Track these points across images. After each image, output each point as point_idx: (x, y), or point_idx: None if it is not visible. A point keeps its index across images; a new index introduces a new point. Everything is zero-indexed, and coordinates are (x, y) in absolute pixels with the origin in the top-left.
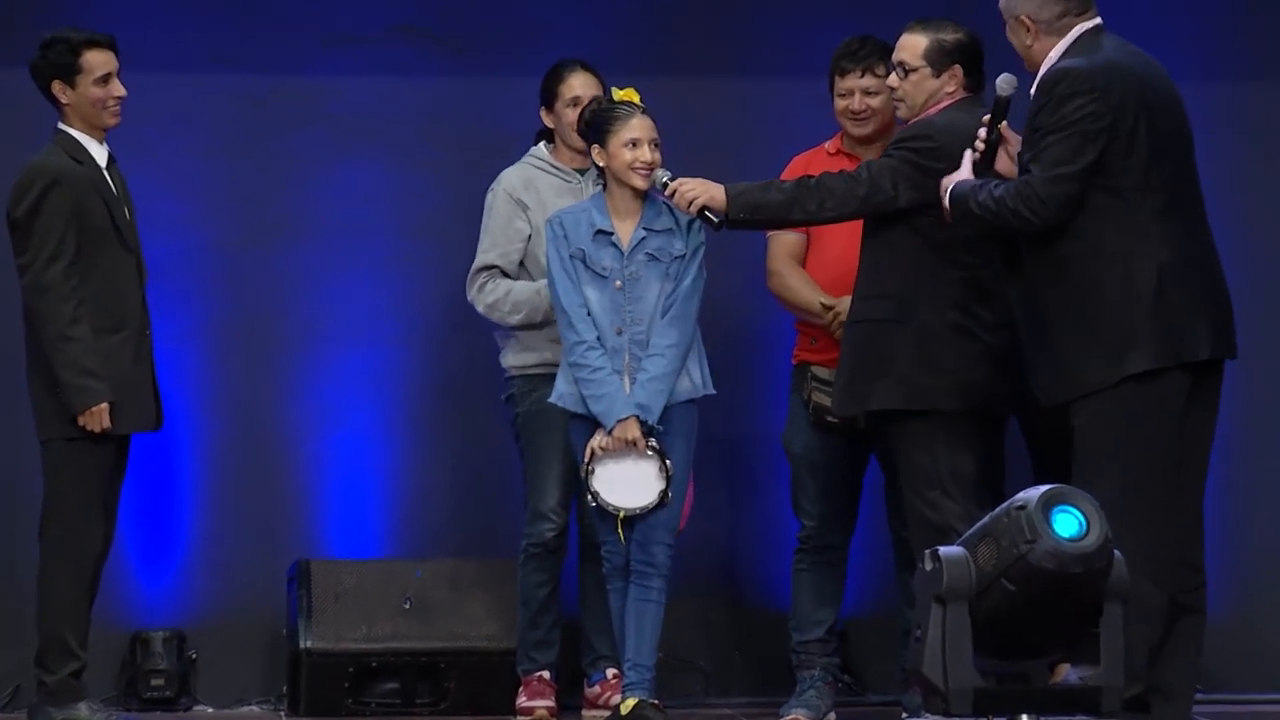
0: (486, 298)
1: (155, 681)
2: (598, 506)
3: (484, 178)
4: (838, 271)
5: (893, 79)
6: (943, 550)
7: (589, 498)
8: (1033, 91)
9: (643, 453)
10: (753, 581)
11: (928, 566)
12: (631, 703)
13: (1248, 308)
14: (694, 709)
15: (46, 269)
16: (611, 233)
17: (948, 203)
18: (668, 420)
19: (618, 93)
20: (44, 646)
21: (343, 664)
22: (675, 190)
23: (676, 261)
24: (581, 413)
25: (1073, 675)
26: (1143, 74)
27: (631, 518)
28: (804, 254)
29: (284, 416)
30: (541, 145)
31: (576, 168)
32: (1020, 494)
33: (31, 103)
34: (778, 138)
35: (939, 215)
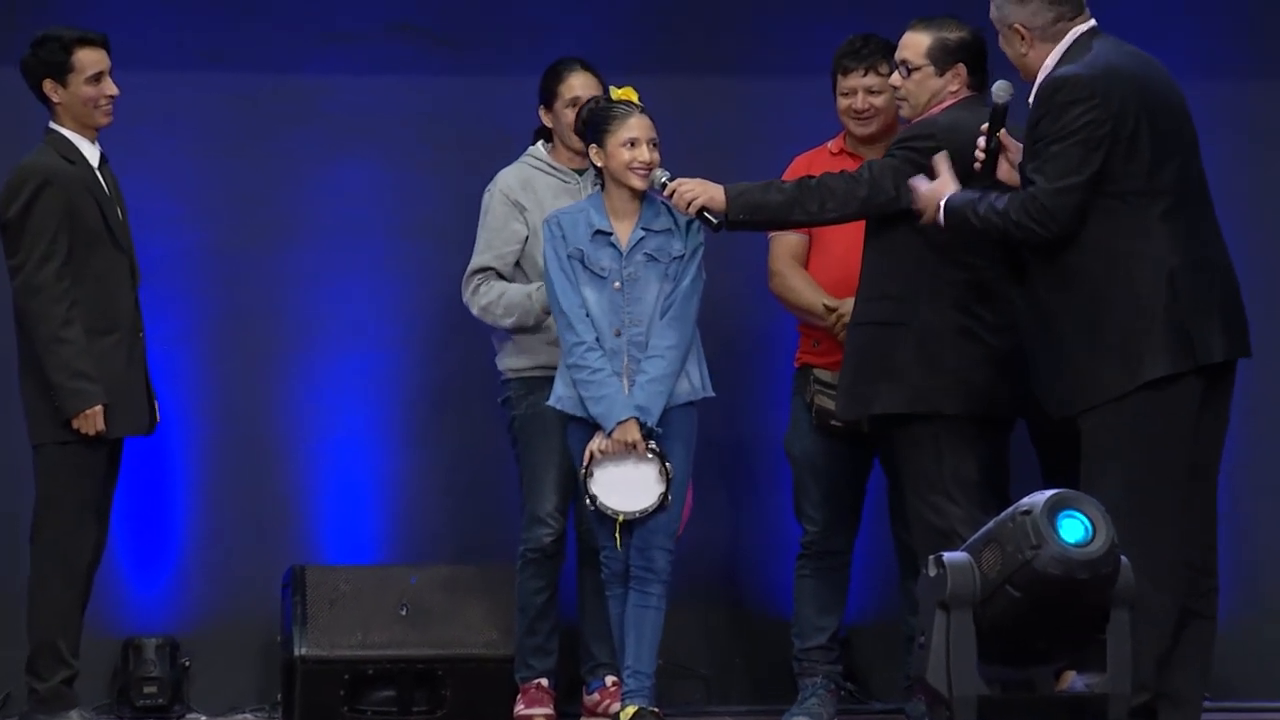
0: (481, 300)
1: (148, 689)
2: (596, 510)
3: (482, 177)
4: (841, 272)
5: (895, 78)
6: (947, 556)
7: (587, 501)
8: (1031, 100)
9: (642, 455)
10: (754, 587)
11: (932, 572)
12: (631, 710)
13: (1250, 309)
14: (694, 717)
15: (38, 270)
16: (610, 233)
17: (943, 216)
18: (666, 424)
19: (616, 92)
20: (35, 653)
21: (338, 671)
22: (674, 191)
23: (675, 262)
24: (580, 415)
25: (1079, 683)
26: (1141, 76)
27: (630, 521)
28: (806, 255)
29: (278, 420)
30: (539, 145)
31: (575, 168)
32: (1026, 499)
33: (23, 102)
34: (778, 137)
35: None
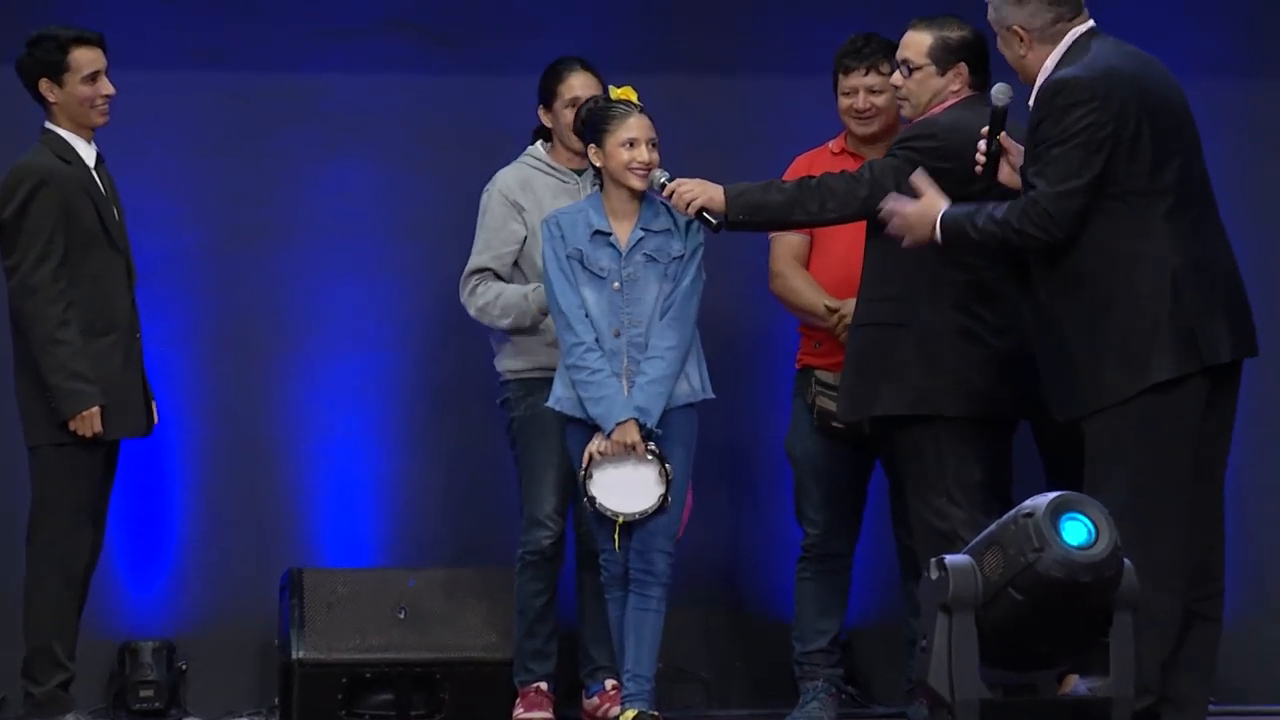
0: (478, 300)
1: (144, 693)
2: (595, 512)
3: (481, 177)
4: (842, 273)
5: (896, 77)
6: (949, 558)
7: (586, 503)
8: (1031, 103)
9: (642, 457)
10: (754, 590)
11: (933, 575)
12: (631, 714)
13: (1253, 309)
14: None
15: (34, 270)
16: (609, 233)
17: (939, 233)
18: (666, 425)
19: (615, 91)
20: (31, 657)
21: (336, 675)
22: (673, 191)
23: (675, 262)
24: (579, 417)
25: (1082, 686)
26: (1141, 76)
27: (630, 523)
28: (807, 255)
29: (276, 421)
30: (538, 144)
31: (574, 168)
32: (1028, 501)
33: (18, 102)
34: (779, 137)
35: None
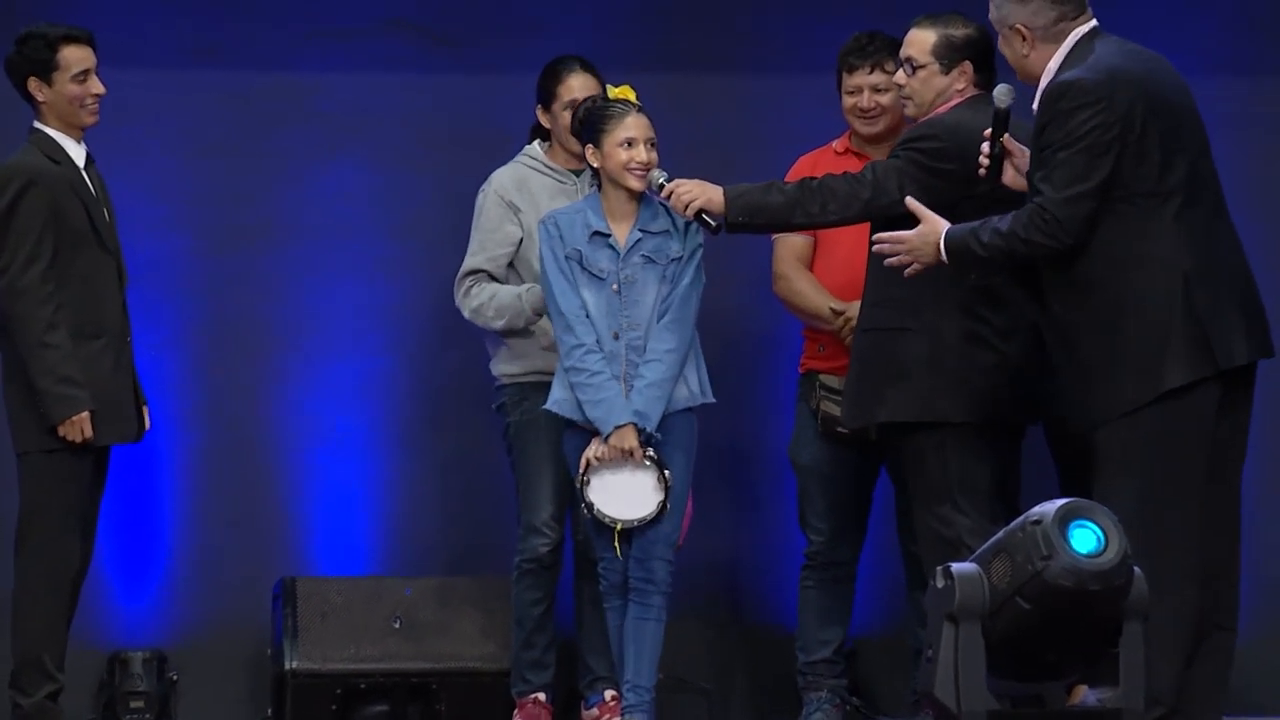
0: (472, 302)
1: (135, 704)
2: (593, 518)
3: (478, 178)
4: (847, 275)
5: (900, 76)
6: (955, 567)
7: (584, 509)
8: (1035, 106)
9: (640, 462)
10: (757, 599)
11: (939, 583)
12: None
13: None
14: None
15: (23, 272)
16: (608, 234)
17: (944, 253)
18: (665, 430)
19: (613, 90)
20: (19, 668)
21: (330, 685)
22: (671, 192)
23: (673, 264)
24: (578, 420)
25: (1091, 697)
26: (1146, 76)
27: (628, 530)
28: (811, 257)
29: (269, 427)
30: (536, 144)
31: (572, 169)
32: (1036, 508)
33: (7, 101)
34: (780, 137)
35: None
